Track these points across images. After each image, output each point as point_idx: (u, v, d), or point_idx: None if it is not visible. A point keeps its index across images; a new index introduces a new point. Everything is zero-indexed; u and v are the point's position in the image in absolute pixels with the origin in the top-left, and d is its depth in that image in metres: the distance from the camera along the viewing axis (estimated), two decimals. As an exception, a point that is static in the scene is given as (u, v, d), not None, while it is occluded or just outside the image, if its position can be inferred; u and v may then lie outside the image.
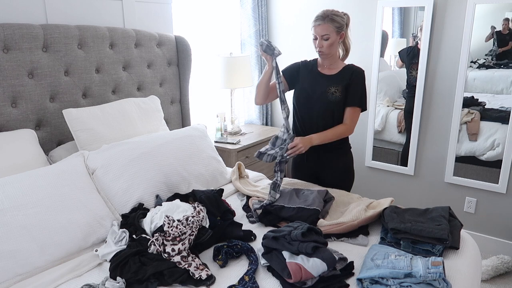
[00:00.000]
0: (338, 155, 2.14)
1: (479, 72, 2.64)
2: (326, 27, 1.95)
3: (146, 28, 2.55)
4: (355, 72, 2.05)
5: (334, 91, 2.03)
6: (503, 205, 2.71)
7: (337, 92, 2.03)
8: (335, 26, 1.96)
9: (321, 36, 1.98)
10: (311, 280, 1.33)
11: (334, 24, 1.95)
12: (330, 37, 1.97)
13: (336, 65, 2.09)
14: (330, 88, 2.03)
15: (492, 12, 2.50)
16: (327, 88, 2.04)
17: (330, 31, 1.96)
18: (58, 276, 1.39)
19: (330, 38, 1.97)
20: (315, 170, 2.17)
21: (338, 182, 2.12)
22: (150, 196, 1.85)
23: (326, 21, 1.95)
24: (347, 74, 2.04)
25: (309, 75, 2.13)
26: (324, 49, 2.00)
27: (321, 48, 2.00)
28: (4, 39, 1.83)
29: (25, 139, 1.87)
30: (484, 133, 2.66)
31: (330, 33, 1.96)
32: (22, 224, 1.45)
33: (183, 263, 1.40)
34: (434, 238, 1.49)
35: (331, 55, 2.05)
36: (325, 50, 2.00)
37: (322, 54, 2.03)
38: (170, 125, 2.69)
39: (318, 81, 2.09)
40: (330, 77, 2.07)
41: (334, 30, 1.96)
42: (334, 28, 1.96)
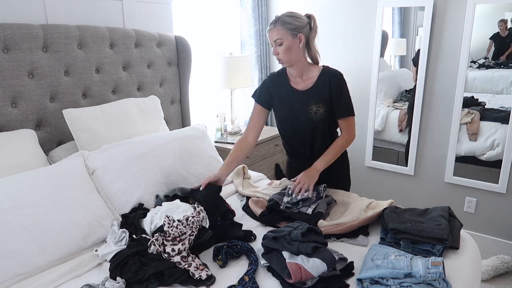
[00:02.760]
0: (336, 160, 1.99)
1: (479, 72, 2.64)
2: (277, 31, 1.78)
3: (146, 28, 2.55)
4: (333, 81, 1.85)
5: (317, 109, 1.85)
6: (503, 205, 2.71)
7: (320, 109, 1.85)
8: (287, 28, 1.77)
9: (274, 41, 1.80)
10: (311, 280, 1.33)
11: (286, 26, 1.77)
12: (283, 41, 1.78)
13: (308, 74, 1.89)
14: (311, 107, 1.85)
15: (492, 12, 2.50)
16: (307, 107, 1.86)
17: (281, 34, 1.77)
18: (58, 276, 1.39)
19: (284, 42, 1.78)
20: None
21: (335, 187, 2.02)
22: (150, 196, 1.85)
23: (277, 25, 1.78)
24: (325, 85, 1.85)
25: (283, 95, 1.93)
26: (280, 56, 1.81)
27: (277, 56, 1.82)
28: (4, 39, 1.83)
29: (25, 139, 1.87)
30: (484, 133, 2.66)
31: (282, 37, 1.77)
32: (22, 224, 1.45)
33: (183, 263, 1.40)
34: (434, 238, 1.49)
35: (294, 63, 1.84)
36: (282, 56, 1.80)
37: (282, 62, 1.83)
38: (170, 125, 2.69)
39: (295, 100, 1.89)
40: (306, 93, 1.87)
41: (288, 33, 1.77)
42: (286, 31, 1.77)
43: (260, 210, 1.85)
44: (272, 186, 2.11)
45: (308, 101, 1.87)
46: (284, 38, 1.79)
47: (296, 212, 1.78)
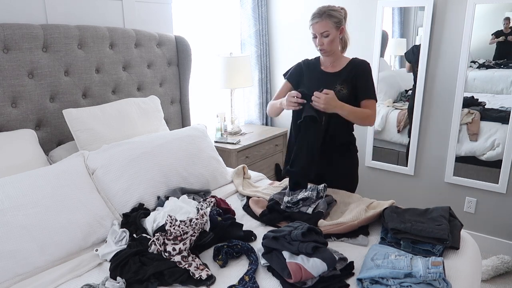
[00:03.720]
0: (345, 157, 2.09)
1: (479, 72, 2.64)
2: (324, 24, 1.91)
3: (146, 28, 2.55)
4: (360, 66, 1.99)
5: (341, 88, 1.96)
6: (503, 205, 2.71)
7: (343, 90, 1.96)
8: (333, 21, 1.91)
9: (320, 33, 1.93)
10: (311, 280, 1.33)
11: (333, 20, 1.91)
12: (330, 34, 1.92)
13: (339, 61, 2.04)
14: (336, 86, 1.97)
15: (492, 12, 2.50)
16: (333, 86, 1.96)
17: (329, 27, 1.91)
18: (58, 276, 1.39)
19: (330, 34, 1.92)
20: (319, 170, 2.12)
21: (341, 184, 2.06)
22: (150, 196, 1.85)
23: (323, 18, 1.90)
24: (352, 69, 1.99)
25: (313, 75, 2.08)
26: (325, 46, 1.95)
27: (322, 46, 1.95)
28: (4, 39, 1.83)
29: (25, 139, 1.87)
30: (484, 133, 2.66)
31: (329, 29, 1.91)
32: (22, 224, 1.45)
33: (184, 263, 1.40)
34: (434, 238, 1.49)
35: (333, 52, 2.00)
36: (327, 47, 1.95)
37: (324, 52, 1.98)
38: (170, 125, 2.69)
39: (323, 80, 2.03)
40: (334, 74, 2.02)
41: (333, 25, 1.92)
42: (333, 24, 1.91)
43: (260, 210, 1.85)
44: (273, 186, 2.12)
45: (335, 81, 1.99)
46: (330, 30, 1.92)
47: (296, 212, 1.78)
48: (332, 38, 1.93)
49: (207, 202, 1.79)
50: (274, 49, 3.52)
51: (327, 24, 1.91)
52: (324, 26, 1.91)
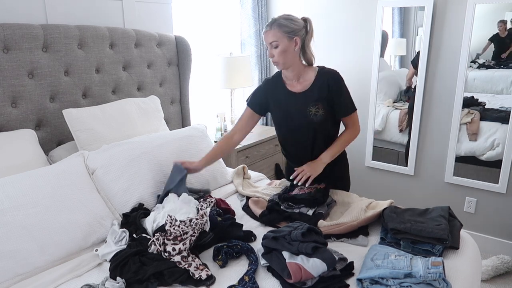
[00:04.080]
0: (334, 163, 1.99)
1: (479, 72, 2.64)
2: (273, 33, 1.77)
3: (146, 28, 2.55)
4: (331, 80, 1.83)
5: (316, 110, 1.83)
6: (503, 205, 2.71)
7: (319, 111, 1.83)
8: (283, 31, 1.76)
9: (269, 43, 1.79)
10: (311, 280, 1.33)
11: (283, 29, 1.76)
12: (279, 44, 1.77)
13: (305, 76, 1.88)
14: (310, 109, 1.83)
15: (492, 12, 2.50)
16: (307, 109, 1.84)
17: (278, 37, 1.76)
18: (58, 276, 1.39)
19: (279, 45, 1.77)
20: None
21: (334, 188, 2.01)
22: (150, 196, 1.85)
23: (273, 27, 1.77)
24: (323, 86, 1.83)
25: (279, 98, 1.92)
26: (275, 58, 1.80)
27: (272, 58, 1.81)
28: (4, 39, 1.83)
29: (25, 139, 1.87)
30: (484, 133, 2.66)
31: (278, 39, 1.76)
32: (22, 224, 1.45)
33: (183, 263, 1.40)
34: (434, 238, 1.49)
35: (289, 65, 1.83)
36: (277, 59, 1.80)
37: (277, 64, 1.83)
38: (170, 125, 2.69)
39: (293, 103, 1.88)
40: (303, 94, 1.86)
41: (284, 35, 1.76)
42: (283, 34, 1.76)
43: (260, 210, 1.85)
44: (272, 186, 2.12)
45: (307, 103, 1.85)
46: (280, 40, 1.78)
47: (297, 212, 1.78)
48: (283, 49, 1.77)
49: (207, 202, 1.79)
50: (274, 49, 3.52)
51: (276, 33, 1.77)
52: (273, 35, 1.78)
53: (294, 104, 1.88)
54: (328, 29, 3.15)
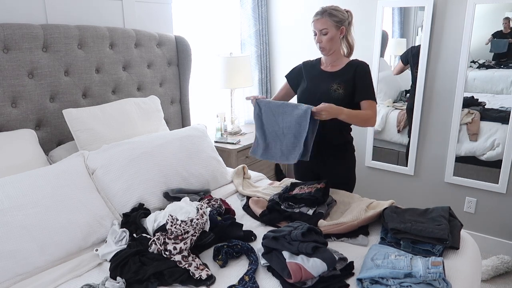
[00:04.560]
0: (341, 158, 2.10)
1: (479, 72, 2.64)
2: (324, 21, 1.94)
3: (146, 28, 2.55)
4: (359, 67, 2.00)
5: (337, 87, 1.98)
6: (503, 205, 2.71)
7: (339, 89, 1.98)
8: (333, 20, 1.94)
9: (319, 30, 1.96)
10: (311, 280, 1.33)
11: (333, 19, 1.94)
12: (328, 32, 1.95)
13: (340, 62, 2.06)
14: (333, 85, 1.99)
15: (492, 12, 2.50)
16: (329, 85, 1.99)
17: (328, 25, 1.94)
18: (58, 276, 1.39)
19: (328, 32, 1.95)
20: (316, 171, 2.13)
21: (338, 185, 2.05)
22: (150, 196, 1.85)
23: (324, 16, 1.94)
24: (351, 70, 2.00)
25: (312, 74, 2.10)
26: (323, 44, 1.97)
27: (320, 44, 1.98)
28: (4, 39, 1.83)
29: (25, 139, 1.87)
30: (484, 133, 2.66)
31: (328, 28, 1.94)
32: (22, 224, 1.45)
33: (184, 263, 1.40)
34: (434, 238, 1.49)
35: (333, 51, 2.01)
36: (325, 45, 1.97)
37: (323, 49, 2.00)
38: (170, 125, 2.69)
39: (320, 79, 2.05)
40: (332, 74, 2.04)
41: (333, 24, 1.95)
42: (332, 23, 1.94)
43: (260, 210, 1.85)
44: (273, 186, 2.12)
45: (332, 80, 2.01)
46: (329, 28, 1.95)
47: (297, 212, 1.78)
48: (331, 37, 1.96)
49: (211, 204, 1.79)
50: (274, 49, 3.52)
51: (327, 22, 1.94)
52: (323, 23, 1.94)
53: (321, 80, 2.05)
54: (328, 29, 3.14)
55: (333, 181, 2.03)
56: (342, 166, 2.12)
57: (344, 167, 2.12)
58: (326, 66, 2.09)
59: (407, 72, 2.93)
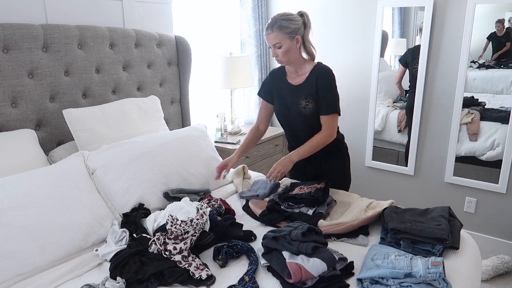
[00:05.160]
0: (334, 158, 2.07)
1: (479, 72, 2.64)
2: (275, 36, 1.83)
3: (146, 28, 2.55)
4: (320, 76, 1.89)
5: (306, 104, 1.91)
6: (503, 205, 2.71)
7: (309, 104, 1.90)
8: (285, 32, 1.82)
9: (272, 45, 1.86)
10: (311, 280, 1.33)
11: (284, 31, 1.82)
12: (282, 45, 1.84)
13: (303, 69, 1.95)
14: (301, 102, 1.91)
15: (492, 12, 2.50)
16: (298, 101, 1.92)
17: (280, 38, 1.83)
18: (58, 276, 1.39)
19: (283, 46, 1.84)
20: (311, 173, 2.12)
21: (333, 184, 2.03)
22: (150, 196, 1.85)
23: (274, 29, 1.83)
24: (313, 80, 1.89)
25: (280, 88, 2.02)
26: (280, 57, 1.88)
27: (276, 57, 1.89)
28: (4, 39, 1.83)
29: (25, 139, 1.87)
30: (484, 133, 2.66)
31: (281, 41, 1.83)
32: (22, 224, 1.45)
33: (184, 263, 1.40)
34: (434, 238, 1.49)
35: (292, 61, 1.91)
36: (281, 58, 1.88)
37: (281, 62, 1.92)
38: (170, 125, 2.69)
39: (288, 93, 1.97)
40: (298, 87, 1.94)
41: (286, 36, 1.83)
42: (284, 35, 1.82)
43: (260, 210, 1.85)
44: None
45: (299, 96, 1.94)
46: (283, 42, 1.85)
47: (297, 212, 1.78)
48: (286, 49, 1.85)
49: (211, 204, 1.79)
50: (274, 49, 3.52)
51: (278, 35, 1.83)
52: (275, 37, 1.84)
53: (290, 96, 1.98)
54: (328, 29, 3.15)
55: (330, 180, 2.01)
56: (335, 167, 2.09)
57: (337, 167, 2.11)
58: (291, 77, 1.99)
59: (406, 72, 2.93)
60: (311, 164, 2.09)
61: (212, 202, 1.81)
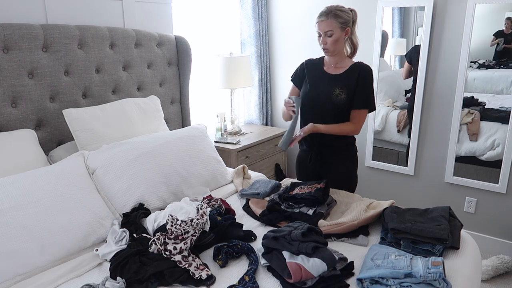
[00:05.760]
0: (343, 159, 2.09)
1: (479, 72, 2.64)
2: (329, 23, 1.90)
3: (146, 28, 2.55)
4: (362, 72, 1.97)
5: (339, 93, 1.96)
6: (503, 205, 2.71)
7: (341, 94, 1.96)
8: (339, 22, 1.90)
9: (324, 32, 1.92)
10: (311, 280, 1.33)
11: (338, 20, 1.89)
12: (334, 33, 1.91)
13: (343, 63, 2.02)
14: (335, 90, 1.96)
15: (492, 12, 2.50)
16: (332, 89, 1.97)
17: (333, 27, 1.90)
18: (58, 276, 1.39)
19: (334, 34, 1.91)
20: (318, 172, 2.13)
21: (340, 185, 2.06)
22: (150, 196, 1.85)
23: (329, 17, 1.89)
24: (354, 74, 1.97)
25: (314, 74, 2.07)
26: (328, 46, 1.94)
27: (325, 45, 1.95)
28: (4, 39, 1.83)
29: (25, 139, 1.87)
30: (484, 133, 2.66)
31: (333, 29, 1.90)
32: (22, 224, 1.45)
33: (184, 263, 1.40)
34: (434, 238, 1.49)
35: (337, 53, 1.98)
36: (329, 47, 1.94)
37: (327, 51, 1.97)
38: (170, 125, 2.69)
39: (323, 80, 2.02)
40: (335, 77, 2.00)
41: (338, 26, 1.90)
42: (338, 24, 1.90)
43: (260, 210, 1.85)
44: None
45: (334, 84, 1.98)
46: (335, 30, 1.91)
47: (297, 212, 1.78)
48: (336, 38, 1.92)
49: (211, 204, 1.79)
50: (274, 49, 3.52)
51: (332, 23, 1.90)
52: (329, 25, 1.90)
53: (323, 83, 2.02)
54: (328, 29, 3.14)
55: (335, 182, 2.03)
56: (343, 167, 2.11)
57: (345, 168, 2.12)
58: (329, 68, 2.05)
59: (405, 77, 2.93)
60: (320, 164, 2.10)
61: (212, 202, 1.81)
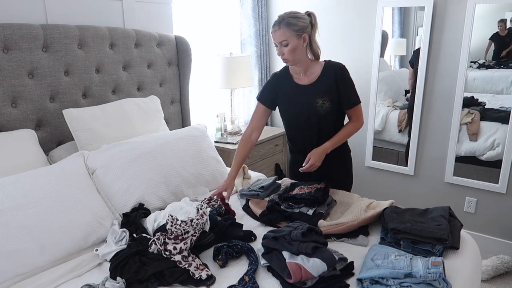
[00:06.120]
0: (338, 158, 2.05)
1: (479, 72, 2.64)
2: (282, 33, 1.80)
3: (146, 28, 2.55)
4: (337, 73, 1.89)
5: (322, 102, 1.88)
6: (503, 205, 2.71)
7: (326, 103, 1.88)
8: (292, 29, 1.79)
9: (279, 42, 1.82)
10: (311, 280, 1.33)
11: (292, 28, 1.79)
12: (289, 43, 1.80)
13: (312, 69, 1.93)
14: (317, 100, 1.88)
15: (492, 12, 2.50)
16: (313, 101, 1.89)
17: (287, 36, 1.79)
18: (58, 276, 1.39)
19: (289, 43, 1.80)
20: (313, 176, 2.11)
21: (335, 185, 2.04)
22: (150, 196, 1.85)
23: (281, 26, 1.79)
24: (330, 78, 1.89)
25: (287, 90, 1.97)
26: (286, 56, 1.83)
27: (282, 56, 1.85)
28: (4, 39, 1.83)
29: (25, 139, 1.87)
30: (484, 133, 2.66)
31: (288, 38, 1.80)
32: (22, 224, 1.45)
33: (184, 263, 1.40)
34: (434, 238, 1.49)
35: (299, 61, 1.88)
36: (288, 57, 1.84)
37: (287, 61, 1.88)
38: (170, 125, 2.69)
39: (300, 94, 1.93)
40: (311, 87, 1.91)
41: (293, 34, 1.79)
42: (292, 32, 1.79)
43: (260, 210, 1.85)
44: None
45: (315, 95, 1.90)
46: (290, 39, 1.81)
47: (297, 212, 1.78)
48: (293, 48, 1.81)
49: (211, 204, 1.79)
50: (274, 49, 3.51)
51: (285, 32, 1.80)
52: (282, 35, 1.80)
53: (302, 97, 1.93)
54: (328, 29, 3.14)
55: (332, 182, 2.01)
56: (340, 170, 2.10)
57: (342, 171, 2.11)
58: (299, 78, 1.95)
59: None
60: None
61: (212, 202, 1.81)
